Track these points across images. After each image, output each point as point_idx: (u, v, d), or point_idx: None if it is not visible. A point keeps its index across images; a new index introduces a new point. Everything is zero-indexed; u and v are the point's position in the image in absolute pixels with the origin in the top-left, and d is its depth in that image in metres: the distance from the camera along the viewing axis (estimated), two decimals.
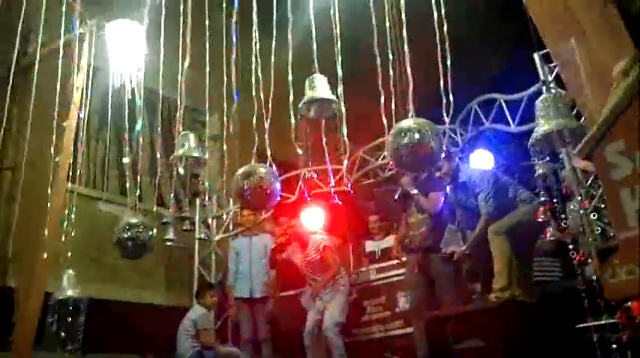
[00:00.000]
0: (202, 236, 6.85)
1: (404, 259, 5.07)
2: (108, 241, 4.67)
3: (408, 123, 3.13)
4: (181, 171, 5.05)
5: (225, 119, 4.75)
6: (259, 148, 4.82)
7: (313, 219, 5.71)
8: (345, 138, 4.22)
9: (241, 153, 6.13)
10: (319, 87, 3.90)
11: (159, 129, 5.40)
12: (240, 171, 4.49)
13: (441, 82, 3.59)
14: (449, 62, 3.70)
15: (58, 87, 4.54)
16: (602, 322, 2.53)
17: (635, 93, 1.81)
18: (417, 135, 3.00)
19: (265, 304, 5.95)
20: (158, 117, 5.27)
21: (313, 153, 5.34)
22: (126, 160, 5.28)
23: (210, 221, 6.90)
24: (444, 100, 3.57)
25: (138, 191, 5.39)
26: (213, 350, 5.39)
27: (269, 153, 4.51)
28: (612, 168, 1.87)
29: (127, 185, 4.84)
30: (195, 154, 4.93)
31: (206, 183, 6.45)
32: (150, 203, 6.69)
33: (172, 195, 6.79)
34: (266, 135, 4.49)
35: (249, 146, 5.14)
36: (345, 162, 5.37)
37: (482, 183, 4.13)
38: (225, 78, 4.30)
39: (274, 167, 4.33)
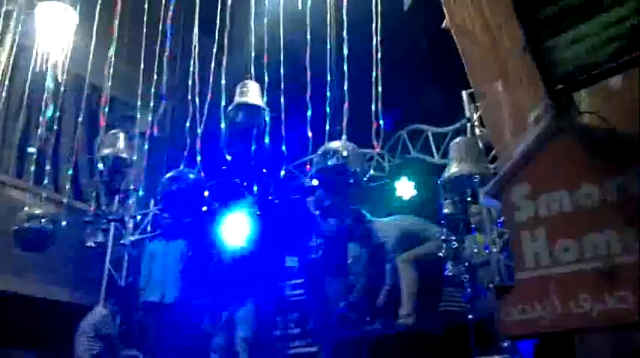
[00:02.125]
0: (130, 239, 6.59)
1: None
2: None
3: (335, 144, 3.17)
4: (101, 167, 4.88)
5: (151, 118, 4.65)
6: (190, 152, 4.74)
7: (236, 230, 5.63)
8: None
9: (170, 154, 6.02)
10: (250, 93, 3.89)
11: (80, 118, 5.15)
12: (168, 175, 4.39)
13: (373, 107, 3.67)
14: (380, 88, 3.80)
15: None
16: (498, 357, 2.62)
17: (545, 140, 1.90)
18: (342, 158, 3.05)
19: (173, 311, 5.78)
20: (83, 106, 5.06)
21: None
22: (32, 149, 5.03)
23: (127, 220, 6.65)
24: (375, 125, 3.65)
25: (48, 180, 5.13)
26: (115, 354, 5.18)
27: (199, 158, 4.44)
28: (516, 210, 1.95)
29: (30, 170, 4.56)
30: (124, 155, 4.79)
31: (129, 183, 6.23)
32: (66, 194, 6.39)
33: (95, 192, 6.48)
34: (197, 140, 4.43)
35: (180, 148, 5.05)
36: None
37: (390, 249, 4.24)
38: (155, 76, 4.21)
39: (202, 174, 4.27)
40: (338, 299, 4.60)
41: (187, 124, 4.38)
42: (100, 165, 4.57)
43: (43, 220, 4.57)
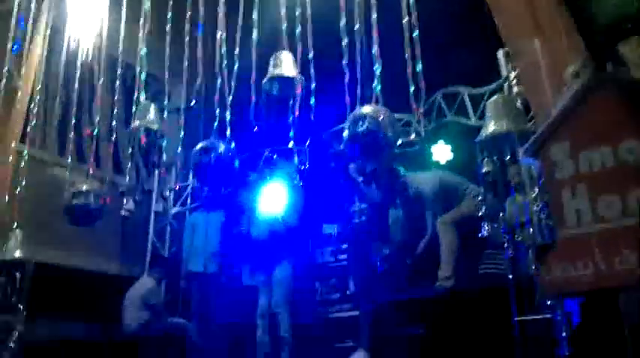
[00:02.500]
0: (159, 208, 6.77)
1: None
2: (60, 206, 4.59)
3: (366, 109, 3.13)
4: (142, 141, 4.98)
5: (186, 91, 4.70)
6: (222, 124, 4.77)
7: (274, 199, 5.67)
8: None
9: (206, 129, 6.08)
10: (284, 64, 3.87)
11: (116, 96, 5.25)
12: (199, 145, 4.45)
13: (408, 69, 3.59)
14: (419, 50, 3.71)
15: (9, 46, 4.38)
16: (537, 317, 2.61)
17: (584, 96, 1.85)
18: (373, 123, 3.01)
19: (218, 279, 5.94)
20: (118, 84, 5.15)
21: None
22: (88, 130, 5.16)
23: (167, 193, 6.80)
24: (412, 88, 3.59)
25: (93, 157, 5.27)
26: (161, 322, 5.36)
27: (228, 130, 4.48)
28: (556, 168, 1.92)
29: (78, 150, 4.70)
30: (154, 126, 4.86)
31: (164, 156, 6.34)
32: (107, 170, 6.56)
33: (130, 164, 6.64)
34: (227, 112, 4.46)
35: (212, 120, 5.10)
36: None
37: (430, 195, 4.17)
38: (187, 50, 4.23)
39: (233, 144, 4.31)
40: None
41: (217, 96, 4.41)
42: (135, 137, 4.67)
43: (89, 196, 4.73)
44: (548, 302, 2.48)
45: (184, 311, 6.05)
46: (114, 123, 5.08)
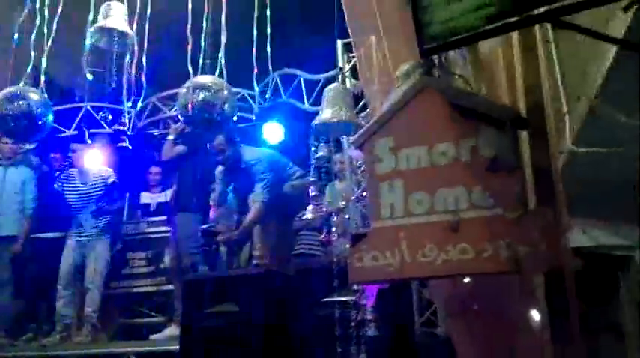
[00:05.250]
0: None
1: None
2: None
3: (205, 79, 3.01)
4: None
5: None
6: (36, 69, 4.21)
7: (92, 158, 5.23)
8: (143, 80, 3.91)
9: (15, 71, 5.34)
10: (115, 16, 3.55)
11: None
12: (5, 91, 3.88)
13: (254, 49, 3.52)
14: (268, 29, 3.65)
15: None
16: (343, 298, 2.76)
17: (411, 96, 1.95)
18: (210, 94, 2.90)
19: (12, 243, 5.29)
20: None
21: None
22: None
23: None
24: (255, 66, 3.52)
25: None
26: None
27: (43, 78, 3.97)
28: (378, 162, 2.00)
29: None
30: None
31: None
32: None
33: None
34: (44, 56, 3.95)
35: (24, 64, 4.48)
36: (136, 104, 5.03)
37: (260, 169, 4.21)
38: None
39: (46, 95, 3.84)
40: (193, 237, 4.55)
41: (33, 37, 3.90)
42: None
43: None
44: (355, 287, 2.65)
45: None
46: None
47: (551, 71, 2.06)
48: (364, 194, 2.41)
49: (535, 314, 2.02)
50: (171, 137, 4.86)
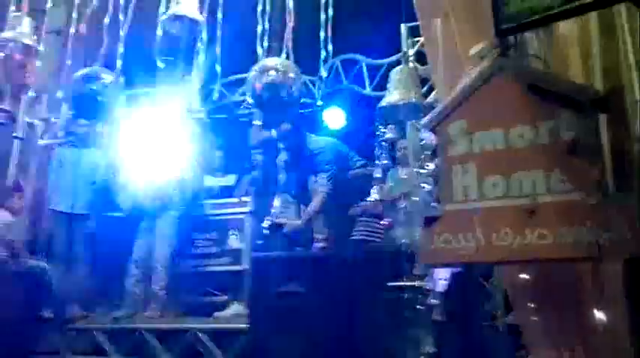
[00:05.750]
0: (21, 136, 6.12)
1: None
2: None
3: (273, 61, 3.07)
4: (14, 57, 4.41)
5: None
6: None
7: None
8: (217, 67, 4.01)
9: (87, 53, 5.58)
10: (187, 3, 3.65)
11: None
12: (82, 72, 4.08)
13: (322, 32, 3.55)
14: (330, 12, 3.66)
15: None
16: (412, 283, 2.77)
17: (486, 78, 1.93)
18: (279, 76, 2.96)
19: (86, 222, 5.58)
20: None
21: None
22: None
23: (36, 122, 6.20)
24: (324, 51, 3.54)
25: None
26: (20, 260, 4.95)
27: (119, 62, 4.14)
28: (451, 145, 2.00)
29: None
30: (27, 41, 4.34)
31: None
32: None
33: None
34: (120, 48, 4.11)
35: (97, 47, 4.66)
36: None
37: (325, 160, 4.23)
38: None
39: (122, 79, 4.01)
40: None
41: (107, 21, 4.05)
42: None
43: None
44: (420, 272, 2.66)
45: (47, 252, 5.64)
46: None
47: (626, 56, 1.98)
48: (427, 181, 2.40)
49: (612, 305, 1.98)
50: (258, 122, 4.91)
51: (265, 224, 4.28)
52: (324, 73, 3.17)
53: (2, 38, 3.89)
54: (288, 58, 3.14)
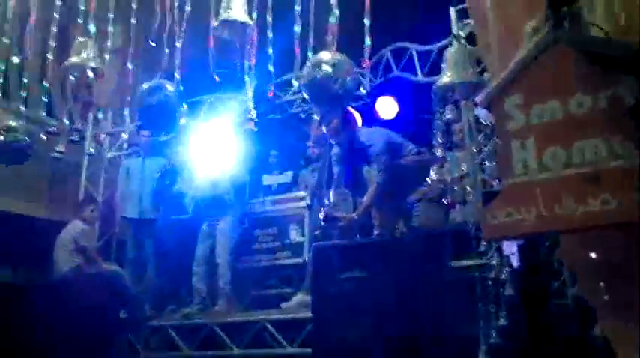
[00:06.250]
0: (92, 151, 6.48)
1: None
2: None
3: (326, 55, 3.14)
4: (72, 79, 4.70)
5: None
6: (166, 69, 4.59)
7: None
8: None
9: (143, 70, 5.83)
10: (235, 7, 3.77)
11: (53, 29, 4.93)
12: (146, 85, 4.29)
13: (366, 22, 3.59)
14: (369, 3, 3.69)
15: None
16: (479, 262, 2.78)
17: (541, 50, 1.93)
18: (332, 69, 3.02)
19: (153, 225, 5.85)
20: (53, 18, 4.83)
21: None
22: (15, 60, 4.83)
23: (102, 137, 6.54)
24: (368, 41, 3.58)
25: (24, 94, 4.97)
26: (95, 266, 5.24)
27: (177, 73, 4.32)
28: (507, 120, 2.01)
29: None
30: (93, 64, 4.61)
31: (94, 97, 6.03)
32: (37, 110, 6.23)
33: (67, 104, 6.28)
34: (177, 60, 4.29)
35: (153, 64, 4.87)
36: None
37: (376, 151, 4.25)
38: None
39: (182, 87, 4.19)
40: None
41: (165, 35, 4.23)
42: (70, 75, 4.41)
43: (16, 133, 4.50)
44: (483, 249, 2.67)
45: (119, 257, 5.95)
46: (50, 57, 4.78)
47: None
48: (496, 154, 2.39)
49: None
50: (317, 117, 4.99)
51: (321, 216, 4.34)
52: (366, 64, 3.19)
53: (71, 64, 4.14)
54: (339, 51, 3.19)
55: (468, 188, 3.35)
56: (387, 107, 5.36)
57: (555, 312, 2.84)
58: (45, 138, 5.60)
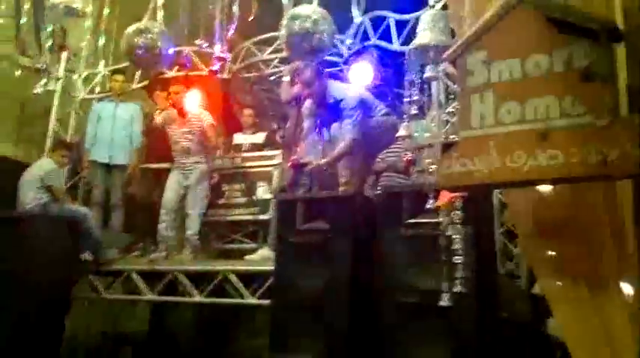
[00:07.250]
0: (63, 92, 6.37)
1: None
2: None
3: (305, 9, 3.18)
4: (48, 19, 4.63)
5: None
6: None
7: (191, 99, 5.59)
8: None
9: (120, 15, 5.76)
10: None
11: None
12: (134, 27, 4.26)
13: None
14: None
15: None
16: (434, 220, 2.89)
17: (506, 11, 2.03)
18: (311, 23, 3.08)
19: (123, 172, 5.87)
20: None
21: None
22: None
23: (75, 78, 6.45)
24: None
25: None
26: (61, 204, 5.22)
27: (160, 13, 4.31)
28: (470, 75, 2.11)
29: None
30: (76, 4, 4.57)
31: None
32: (8, 46, 6.13)
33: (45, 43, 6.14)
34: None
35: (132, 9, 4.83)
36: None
37: (349, 106, 4.31)
38: None
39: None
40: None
41: None
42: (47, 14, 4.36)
43: None
44: (434, 207, 2.78)
45: (86, 199, 5.95)
46: None
47: None
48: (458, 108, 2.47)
49: (621, 226, 2.09)
50: (287, 78, 5.03)
51: (289, 164, 4.41)
52: (357, 14, 3.21)
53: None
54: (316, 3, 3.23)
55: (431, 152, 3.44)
56: (361, 73, 5.39)
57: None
58: (17, 74, 5.54)
